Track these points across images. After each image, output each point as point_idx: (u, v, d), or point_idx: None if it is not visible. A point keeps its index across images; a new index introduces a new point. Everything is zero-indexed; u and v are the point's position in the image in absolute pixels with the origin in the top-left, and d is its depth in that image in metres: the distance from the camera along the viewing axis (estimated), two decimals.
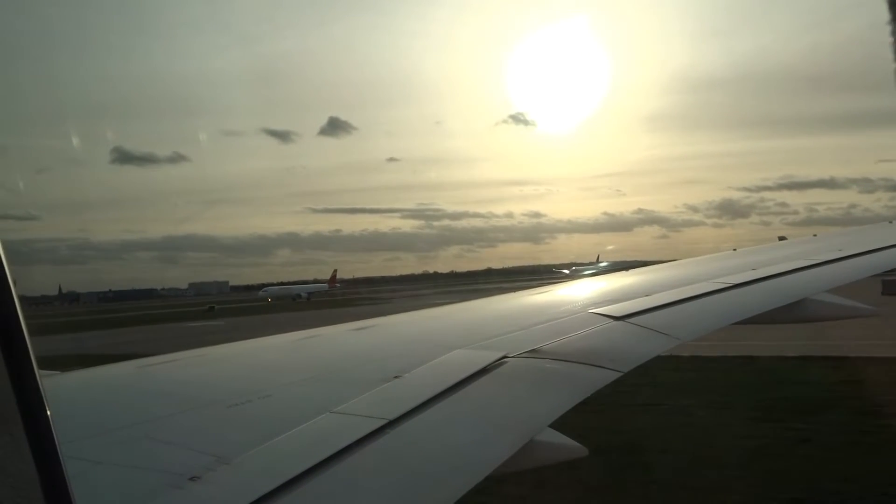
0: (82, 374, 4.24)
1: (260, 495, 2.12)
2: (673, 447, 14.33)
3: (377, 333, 5.27)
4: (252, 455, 2.43)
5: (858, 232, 10.05)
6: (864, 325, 22.50)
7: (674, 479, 12.41)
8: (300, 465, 2.34)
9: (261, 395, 3.16)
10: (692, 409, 17.54)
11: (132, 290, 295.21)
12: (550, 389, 3.58)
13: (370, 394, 3.17)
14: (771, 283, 6.07)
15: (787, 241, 11.52)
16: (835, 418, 15.87)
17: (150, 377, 3.94)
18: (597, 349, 4.19)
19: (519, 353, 3.92)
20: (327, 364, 4.02)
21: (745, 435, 14.86)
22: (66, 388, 3.58)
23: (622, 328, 4.71)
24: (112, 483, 2.28)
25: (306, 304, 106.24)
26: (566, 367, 3.84)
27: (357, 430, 2.66)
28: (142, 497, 2.15)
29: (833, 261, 6.79)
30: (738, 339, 23.28)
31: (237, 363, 4.41)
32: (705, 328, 5.05)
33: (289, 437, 2.62)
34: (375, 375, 3.44)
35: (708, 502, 11.50)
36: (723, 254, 9.28)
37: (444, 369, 3.59)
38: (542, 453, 3.05)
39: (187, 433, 2.72)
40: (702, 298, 5.52)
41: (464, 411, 3.12)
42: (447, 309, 6.68)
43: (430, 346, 4.13)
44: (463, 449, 2.85)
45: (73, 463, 2.24)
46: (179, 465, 2.33)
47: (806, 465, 12.88)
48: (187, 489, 2.17)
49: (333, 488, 2.30)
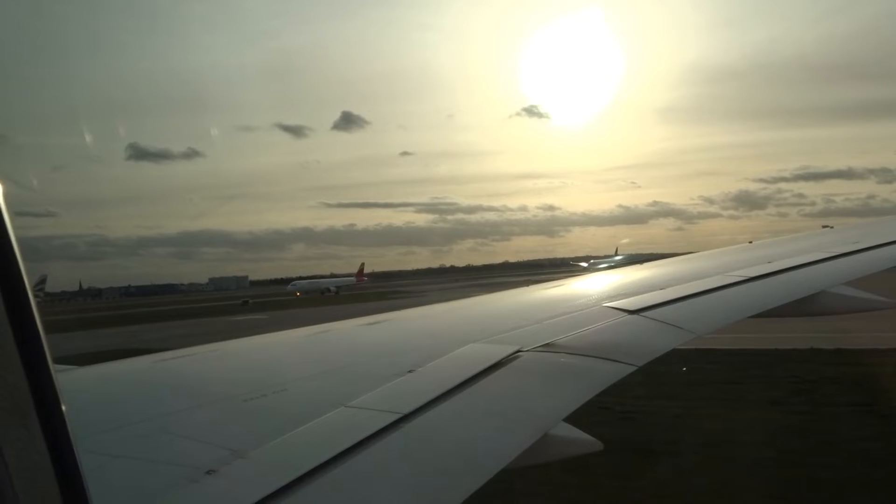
0: (99, 369, 4.27)
1: (275, 489, 2.13)
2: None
3: (391, 328, 5.28)
4: (267, 449, 2.44)
5: (875, 224, 9.93)
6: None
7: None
8: (315, 459, 2.34)
9: (276, 390, 3.17)
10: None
11: (153, 285, 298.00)
12: (565, 383, 3.56)
13: (384, 388, 3.17)
14: (787, 276, 6.02)
15: (802, 234, 11.40)
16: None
17: (166, 371, 3.97)
18: (611, 343, 4.17)
19: (533, 347, 3.91)
20: (341, 358, 4.03)
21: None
22: (84, 383, 3.61)
23: (637, 322, 4.68)
24: (129, 476, 2.30)
25: (339, 297, 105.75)
26: (581, 361, 3.83)
27: (371, 425, 2.66)
28: (158, 490, 2.16)
29: (850, 253, 6.72)
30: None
31: (252, 358, 4.43)
32: (720, 322, 5.01)
33: (303, 431, 2.62)
34: (389, 370, 3.44)
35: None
36: (738, 246, 9.21)
37: (458, 363, 3.58)
38: (556, 447, 3.04)
39: (203, 427, 2.73)
40: (717, 292, 5.48)
41: (478, 405, 3.12)
42: (461, 303, 6.68)
43: (443, 340, 4.13)
44: (477, 443, 2.84)
45: (91, 456, 2.26)
46: (196, 458, 2.34)
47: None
48: (203, 483, 2.18)
49: (348, 482, 2.30)
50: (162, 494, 2.13)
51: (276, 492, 2.12)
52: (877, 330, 23.77)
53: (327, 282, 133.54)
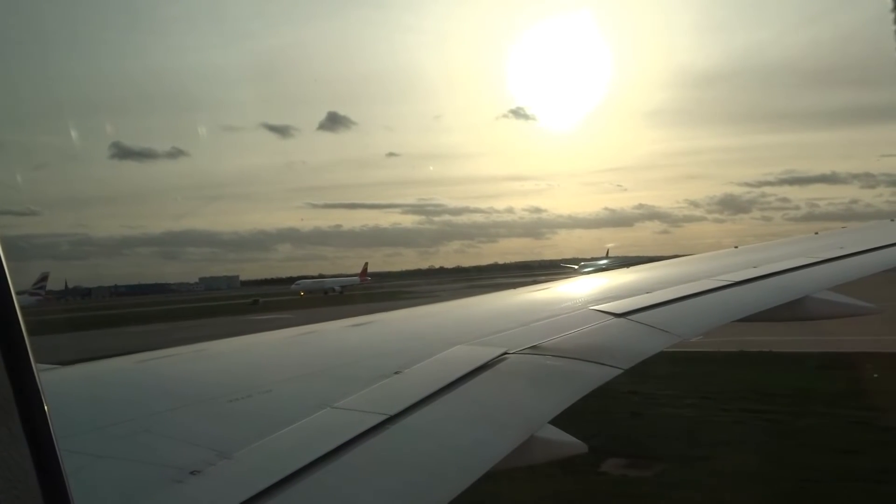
0: (83, 369, 4.23)
1: (260, 490, 2.12)
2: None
3: (377, 329, 5.27)
4: (252, 450, 2.43)
5: (860, 230, 10.04)
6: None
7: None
8: (300, 460, 2.34)
9: (261, 391, 3.16)
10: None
11: (143, 284, 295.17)
12: (551, 386, 3.58)
13: (370, 389, 3.17)
14: (772, 280, 6.06)
15: (788, 239, 11.50)
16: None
17: (151, 372, 3.94)
18: (597, 346, 4.18)
19: (519, 350, 3.92)
20: (327, 360, 4.02)
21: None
22: (67, 383, 3.58)
23: (623, 325, 4.70)
24: (112, 477, 2.28)
25: (355, 297, 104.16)
26: (567, 364, 3.84)
27: (357, 426, 2.66)
28: (142, 491, 2.15)
29: (834, 258, 6.79)
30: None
31: (237, 359, 4.40)
32: (706, 325, 5.04)
33: (289, 432, 2.62)
34: (376, 371, 3.44)
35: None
36: (724, 251, 9.27)
37: (444, 365, 3.58)
38: (542, 450, 3.05)
39: (188, 427, 2.72)
40: (703, 296, 5.51)
41: (464, 407, 3.12)
42: (447, 305, 6.67)
43: (430, 342, 4.12)
44: (463, 445, 2.84)
45: (74, 457, 2.24)
46: (180, 459, 2.33)
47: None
48: (188, 483, 2.17)
49: (333, 483, 2.30)
50: (146, 495, 2.12)
51: (261, 493, 2.11)
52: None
53: (331, 281, 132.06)
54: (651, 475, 13.32)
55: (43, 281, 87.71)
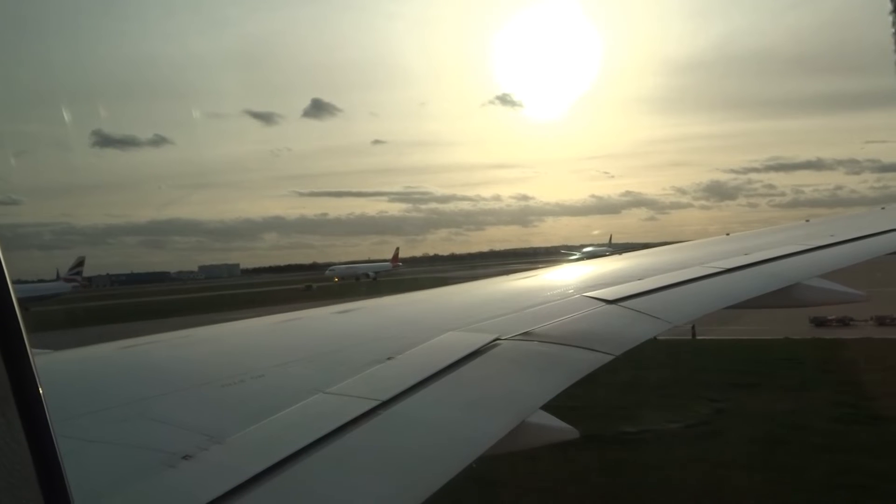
0: (77, 353, 4.23)
1: (253, 474, 2.13)
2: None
3: (369, 315, 5.28)
4: (245, 434, 2.44)
5: (851, 217, 10.09)
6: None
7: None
8: (293, 444, 2.35)
9: (254, 376, 3.17)
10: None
11: (141, 273, 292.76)
12: (542, 372, 3.60)
13: (363, 375, 3.18)
14: (763, 267, 6.10)
15: (779, 227, 11.56)
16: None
17: (145, 356, 3.94)
18: (589, 332, 4.21)
19: (511, 336, 3.94)
20: (320, 345, 4.02)
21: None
22: (61, 367, 3.57)
23: (615, 311, 4.72)
24: (106, 461, 2.29)
25: (404, 282, 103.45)
26: (558, 350, 3.86)
27: (350, 411, 2.68)
28: (135, 475, 2.16)
29: (825, 246, 6.83)
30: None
31: (230, 343, 4.41)
32: (697, 312, 5.07)
33: (282, 416, 2.63)
34: (368, 357, 3.45)
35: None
36: (715, 238, 9.32)
37: (436, 351, 3.60)
38: (533, 435, 3.07)
39: (180, 412, 2.73)
40: (694, 283, 5.54)
41: (456, 393, 3.14)
42: (439, 291, 6.68)
43: (422, 328, 4.14)
44: (455, 430, 2.86)
45: (67, 441, 2.25)
46: (173, 443, 2.34)
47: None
48: (180, 468, 2.18)
49: (326, 468, 2.31)
50: (139, 479, 2.13)
51: (254, 477, 2.13)
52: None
53: (365, 267, 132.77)
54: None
55: (79, 266, 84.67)
